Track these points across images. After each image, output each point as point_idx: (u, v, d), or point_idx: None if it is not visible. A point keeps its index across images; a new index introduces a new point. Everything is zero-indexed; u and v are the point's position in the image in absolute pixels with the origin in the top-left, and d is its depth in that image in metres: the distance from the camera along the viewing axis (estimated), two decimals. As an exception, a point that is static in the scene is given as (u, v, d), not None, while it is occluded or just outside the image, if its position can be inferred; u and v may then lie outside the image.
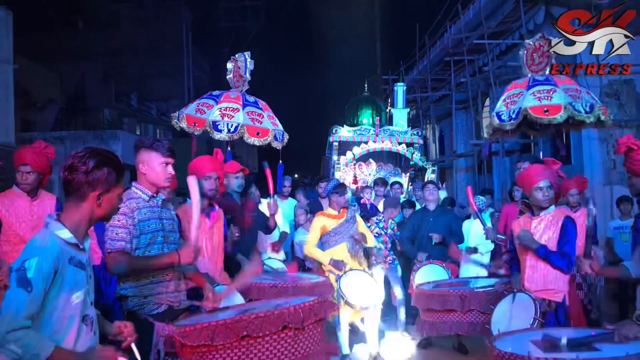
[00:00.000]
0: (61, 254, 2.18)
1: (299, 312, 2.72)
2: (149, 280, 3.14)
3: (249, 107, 7.10)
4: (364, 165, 12.41)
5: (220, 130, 6.85)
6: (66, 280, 2.19)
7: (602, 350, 2.76)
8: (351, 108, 17.00)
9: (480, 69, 15.42)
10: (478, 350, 5.80)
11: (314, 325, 2.84)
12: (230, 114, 6.92)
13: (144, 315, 3.08)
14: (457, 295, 5.05)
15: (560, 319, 3.88)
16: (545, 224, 4.01)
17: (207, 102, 7.17)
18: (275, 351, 2.70)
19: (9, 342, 2.02)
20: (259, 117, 7.08)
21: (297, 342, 2.75)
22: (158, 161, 3.20)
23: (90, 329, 2.34)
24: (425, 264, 6.30)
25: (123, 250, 3.04)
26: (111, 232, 3.04)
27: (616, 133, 11.54)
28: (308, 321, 2.76)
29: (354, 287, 5.52)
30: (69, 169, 2.28)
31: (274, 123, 7.18)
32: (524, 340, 3.11)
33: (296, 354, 2.74)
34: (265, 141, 7.03)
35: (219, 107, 6.99)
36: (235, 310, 3.32)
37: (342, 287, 5.45)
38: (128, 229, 3.06)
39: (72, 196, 2.30)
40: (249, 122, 6.94)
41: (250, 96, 7.29)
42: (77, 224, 2.29)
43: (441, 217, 6.64)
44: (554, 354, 2.74)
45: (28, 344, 2.04)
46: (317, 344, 2.85)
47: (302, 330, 2.75)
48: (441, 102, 19.10)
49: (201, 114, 7.01)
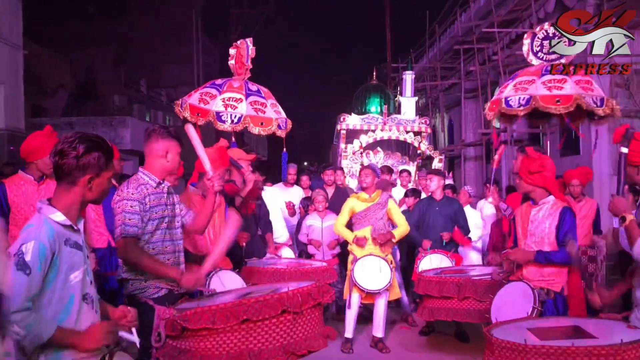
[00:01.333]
0: (57, 236, 2.24)
1: (297, 297, 2.77)
2: None
3: (252, 96, 7.08)
4: (372, 154, 12.38)
5: (224, 122, 6.86)
6: (63, 261, 2.25)
7: (598, 338, 2.79)
8: (359, 96, 16.93)
9: (490, 57, 15.31)
10: (479, 338, 5.85)
11: (311, 310, 2.89)
12: (234, 105, 6.91)
13: (144, 299, 3.13)
14: (454, 282, 5.17)
15: (559, 308, 3.89)
16: (544, 213, 4.03)
17: (210, 92, 7.14)
18: (275, 334, 2.75)
19: (11, 323, 2.08)
20: (262, 106, 7.07)
21: (296, 326, 2.80)
22: (177, 150, 3.30)
23: (92, 307, 2.39)
24: (430, 253, 6.33)
25: (136, 236, 3.10)
26: (124, 217, 3.09)
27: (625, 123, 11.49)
28: (306, 305, 2.81)
29: (366, 272, 5.72)
30: (59, 154, 2.32)
31: (276, 111, 7.17)
32: (522, 328, 3.14)
33: (295, 337, 2.79)
34: (270, 130, 7.03)
35: (222, 98, 6.97)
36: (234, 294, 3.37)
37: (355, 270, 5.69)
38: (140, 215, 3.12)
39: (63, 180, 2.34)
40: (252, 112, 6.93)
41: (253, 84, 7.27)
42: (69, 207, 2.33)
43: (447, 206, 6.66)
44: (550, 341, 2.77)
45: (30, 325, 2.11)
46: (315, 328, 2.90)
47: (300, 315, 2.80)
48: (450, 90, 18.99)
49: (204, 104, 7.00)
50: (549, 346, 2.67)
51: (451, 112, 20.18)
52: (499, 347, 2.86)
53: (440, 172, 7.20)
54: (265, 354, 2.72)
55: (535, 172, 4.03)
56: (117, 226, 3.12)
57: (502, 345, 2.84)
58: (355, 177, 11.51)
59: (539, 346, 2.69)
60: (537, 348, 2.68)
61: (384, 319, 5.99)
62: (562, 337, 2.92)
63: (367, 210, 6.00)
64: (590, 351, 2.57)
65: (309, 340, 2.82)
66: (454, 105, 19.40)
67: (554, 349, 2.63)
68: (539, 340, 2.82)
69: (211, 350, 2.79)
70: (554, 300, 3.92)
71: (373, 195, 6.04)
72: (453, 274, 5.45)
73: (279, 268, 4.99)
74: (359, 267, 5.74)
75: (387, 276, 5.72)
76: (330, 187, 7.82)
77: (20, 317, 2.09)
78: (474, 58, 15.99)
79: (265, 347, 2.73)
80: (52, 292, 2.23)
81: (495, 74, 14.94)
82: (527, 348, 2.70)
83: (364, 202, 6.04)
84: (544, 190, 4.07)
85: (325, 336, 2.95)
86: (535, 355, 2.67)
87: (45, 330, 2.15)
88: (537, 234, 4.04)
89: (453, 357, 5.64)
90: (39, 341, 2.14)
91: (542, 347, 2.67)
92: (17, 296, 2.11)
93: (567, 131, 11.19)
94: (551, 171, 4.08)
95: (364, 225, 5.99)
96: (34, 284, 2.15)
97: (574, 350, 2.59)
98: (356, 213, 6.03)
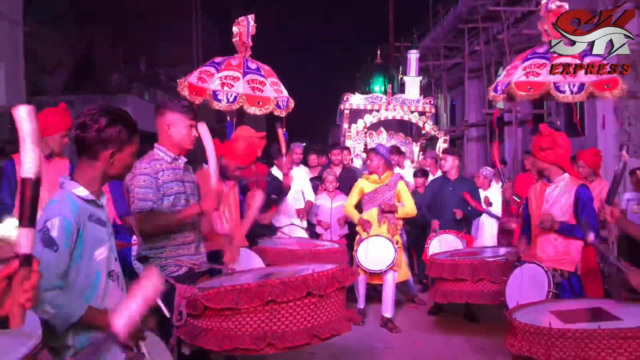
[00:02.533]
0: (81, 212, 2.19)
1: (322, 279, 2.73)
2: (170, 242, 3.15)
3: (250, 74, 6.99)
4: (375, 134, 12.34)
5: (220, 100, 6.79)
6: (88, 237, 2.20)
7: (624, 320, 2.77)
8: (363, 76, 16.82)
9: (495, 37, 15.19)
10: (488, 318, 5.89)
11: (335, 293, 2.86)
12: (231, 83, 6.83)
13: (164, 277, 3.09)
14: (468, 264, 5.16)
15: (574, 288, 3.88)
16: (559, 191, 4.01)
17: (208, 70, 7.07)
18: (299, 317, 2.71)
19: (43, 301, 2.04)
20: (261, 85, 6.98)
21: (320, 309, 2.77)
22: (184, 123, 3.20)
23: (118, 285, 2.36)
24: (440, 233, 6.32)
25: (152, 210, 3.04)
26: (138, 192, 3.03)
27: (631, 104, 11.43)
28: (330, 288, 2.78)
29: (370, 253, 5.79)
30: (80, 126, 2.24)
31: (277, 90, 7.08)
32: (544, 311, 3.12)
33: (319, 320, 2.76)
34: (267, 109, 6.95)
35: (220, 76, 6.90)
36: (255, 274, 3.34)
37: (358, 251, 5.82)
38: (154, 189, 3.06)
39: (85, 155, 2.27)
40: (249, 91, 6.85)
41: (253, 62, 7.18)
42: (91, 182, 2.27)
43: (460, 186, 6.55)
44: (575, 324, 2.75)
45: (61, 305, 2.06)
46: (339, 311, 2.87)
47: (325, 297, 2.77)
48: (453, 70, 18.88)
49: (202, 83, 6.93)
50: (575, 329, 2.65)
51: (453, 92, 20.08)
52: (522, 330, 2.83)
53: (455, 152, 7.13)
54: (289, 336, 2.69)
55: (546, 148, 3.99)
56: (132, 202, 3.07)
57: (525, 328, 2.81)
58: (359, 157, 11.48)
59: (565, 330, 2.67)
60: (562, 331, 2.66)
61: (393, 298, 6.02)
62: (585, 320, 2.91)
63: (376, 191, 6.02)
64: (617, 334, 2.55)
65: (332, 324, 2.79)
66: (456, 85, 19.30)
67: (580, 332, 2.61)
68: (563, 324, 2.81)
69: (233, 331, 2.76)
70: (568, 280, 3.90)
71: (383, 177, 6.06)
72: (465, 256, 5.44)
73: (292, 249, 4.98)
74: (363, 248, 5.84)
75: (391, 257, 5.75)
76: (338, 167, 7.77)
77: (50, 296, 2.04)
78: (478, 37, 15.86)
79: (289, 329, 2.71)
80: (78, 269, 2.18)
81: (500, 53, 14.84)
82: (552, 331, 2.68)
83: (373, 183, 6.06)
84: (558, 168, 4.03)
85: (349, 319, 2.93)
86: (561, 339, 2.64)
87: (76, 310, 2.10)
88: (553, 212, 4.01)
89: (462, 337, 5.65)
90: (69, 320, 2.09)
91: (568, 331, 2.64)
92: (46, 274, 2.04)
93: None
94: (564, 148, 4.02)
95: (372, 205, 6.01)
96: (62, 260, 2.11)
97: (600, 333, 2.57)
98: (365, 194, 6.07)
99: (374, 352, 5.27)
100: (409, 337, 5.75)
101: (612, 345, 2.55)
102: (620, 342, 2.54)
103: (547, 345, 2.68)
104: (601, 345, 2.56)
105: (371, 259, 5.81)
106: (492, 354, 4.97)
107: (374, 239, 5.84)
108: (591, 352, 2.56)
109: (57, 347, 2.22)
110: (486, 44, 15.54)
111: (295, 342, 2.71)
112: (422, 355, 5.20)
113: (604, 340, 2.56)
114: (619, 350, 2.54)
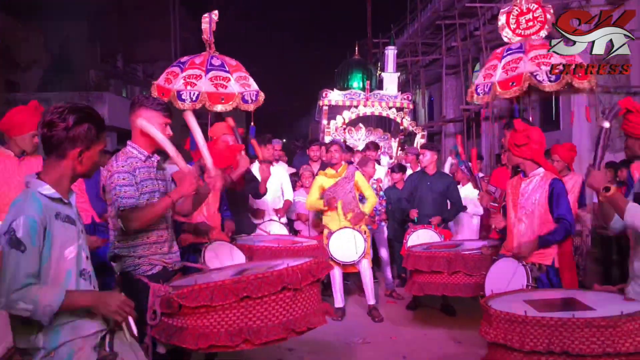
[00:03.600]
0: (46, 210, 2.16)
1: (297, 273, 2.72)
2: (143, 241, 3.10)
3: (214, 71, 6.99)
4: (354, 130, 12.34)
5: (184, 100, 6.79)
6: (56, 236, 2.17)
7: (597, 310, 2.80)
8: (341, 72, 16.79)
9: (472, 33, 15.29)
10: (465, 311, 5.94)
11: (310, 286, 2.85)
12: (193, 82, 6.84)
13: (137, 276, 3.04)
14: (443, 257, 5.20)
15: (552, 280, 3.93)
16: (534, 185, 4.06)
17: (174, 71, 7.12)
18: (275, 311, 2.70)
19: (16, 301, 2.04)
20: (224, 80, 6.96)
21: (295, 303, 2.76)
22: (158, 121, 3.12)
23: (90, 284, 2.33)
24: (419, 228, 6.34)
25: (135, 206, 2.98)
26: (119, 190, 2.97)
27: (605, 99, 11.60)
28: (305, 282, 2.77)
29: (341, 245, 5.97)
30: (48, 125, 2.21)
31: (243, 84, 7.05)
32: (519, 300, 3.15)
33: (294, 314, 2.75)
34: (231, 105, 6.94)
35: (184, 76, 6.93)
36: (230, 271, 3.31)
37: (330, 244, 5.95)
38: (134, 187, 3.01)
39: (52, 153, 2.24)
40: (211, 88, 6.84)
41: (218, 58, 7.16)
42: (58, 180, 2.24)
43: (438, 182, 6.58)
44: (550, 313, 2.78)
45: (35, 297, 2.05)
46: (314, 305, 2.87)
47: (300, 291, 2.76)
48: (431, 66, 18.96)
49: (168, 84, 6.95)
50: (550, 317, 2.67)
51: (431, 88, 20.18)
52: (497, 318, 2.85)
53: (434, 146, 7.17)
54: (265, 331, 2.68)
55: (521, 144, 4.04)
56: (113, 202, 3.00)
57: (500, 316, 2.84)
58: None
59: (540, 317, 2.69)
60: (537, 319, 2.68)
61: (372, 285, 6.23)
62: (559, 309, 2.94)
63: (336, 185, 6.14)
64: (590, 322, 2.58)
65: (308, 317, 2.78)
66: (434, 82, 19.41)
67: (554, 320, 2.64)
68: (537, 312, 2.83)
69: (209, 328, 2.73)
70: (546, 274, 3.94)
71: (340, 170, 6.19)
72: (442, 248, 5.48)
73: (271, 246, 4.96)
74: (334, 241, 5.98)
75: (362, 246, 5.97)
76: (316, 163, 7.77)
77: (21, 295, 2.04)
78: (455, 34, 15.94)
79: (265, 324, 2.69)
80: (47, 268, 2.16)
81: (477, 49, 14.94)
82: (527, 319, 2.70)
83: (331, 177, 6.19)
84: (533, 163, 4.08)
85: (324, 312, 2.93)
86: (536, 327, 2.67)
87: (55, 299, 2.09)
88: (528, 206, 4.07)
89: (440, 330, 5.70)
90: (51, 311, 2.08)
91: (543, 319, 2.67)
92: (16, 275, 2.05)
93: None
94: (538, 143, 4.06)
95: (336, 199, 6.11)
96: (30, 259, 2.09)
97: (575, 321, 2.60)
98: (326, 189, 6.16)
99: (351, 347, 5.29)
100: (387, 330, 5.79)
101: (586, 334, 2.58)
102: (593, 331, 2.58)
103: (521, 333, 2.71)
104: (574, 334, 2.59)
105: (343, 251, 5.99)
106: (470, 345, 5.03)
107: (343, 231, 6.00)
108: (565, 340, 2.60)
109: (28, 349, 2.19)
110: (463, 40, 15.63)
111: (271, 337, 2.70)
112: (399, 348, 5.23)
113: (577, 329, 2.60)
114: (591, 339, 2.58)
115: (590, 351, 2.56)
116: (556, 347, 2.60)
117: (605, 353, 2.56)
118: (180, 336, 2.78)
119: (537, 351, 2.66)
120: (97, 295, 2.26)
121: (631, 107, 3.06)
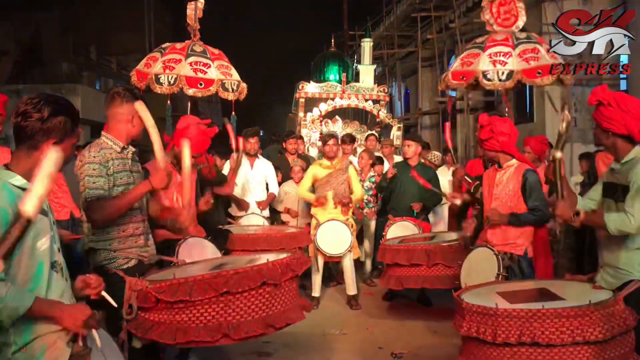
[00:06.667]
0: (18, 201, 2.08)
1: (277, 268, 2.75)
2: (119, 234, 3.07)
3: (194, 57, 6.95)
4: (330, 122, 12.36)
5: (162, 84, 6.74)
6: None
7: (567, 300, 2.88)
8: (318, 64, 16.77)
9: (447, 25, 15.39)
10: (441, 302, 6.03)
11: (289, 282, 2.88)
12: (172, 66, 6.81)
13: (113, 270, 3.00)
14: (423, 250, 5.22)
15: (524, 271, 4.00)
16: (507, 176, 4.12)
17: (154, 56, 7.08)
18: (254, 307, 2.72)
19: None
20: (205, 66, 6.93)
21: (275, 298, 2.79)
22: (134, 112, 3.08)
23: (62, 276, 2.30)
24: (398, 220, 6.41)
25: (102, 198, 2.94)
26: (87, 181, 2.94)
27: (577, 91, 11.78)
28: (285, 277, 2.79)
29: (328, 236, 6.07)
30: (22, 115, 2.17)
31: (224, 73, 7.01)
32: (491, 292, 3.22)
33: (274, 309, 2.77)
34: (210, 91, 6.90)
35: (163, 60, 6.87)
36: (208, 265, 3.32)
37: (317, 235, 6.04)
38: (104, 178, 2.98)
39: (25, 144, 2.20)
40: (190, 72, 6.80)
41: (200, 46, 7.12)
42: (28, 172, 2.16)
43: (421, 173, 6.47)
44: (521, 304, 2.85)
45: (5, 298, 2.00)
46: (292, 300, 2.90)
47: (279, 286, 2.78)
48: (407, 59, 19.05)
49: (147, 68, 6.90)
50: (520, 309, 2.74)
51: (407, 80, 20.27)
52: (469, 311, 2.92)
53: (418, 138, 7.23)
54: (245, 327, 2.69)
55: (487, 138, 4.09)
56: (82, 191, 2.97)
57: (472, 309, 2.90)
58: (315, 145, 11.49)
59: (510, 310, 2.76)
60: (508, 312, 2.75)
61: (353, 277, 6.34)
62: (530, 300, 3.01)
63: (330, 176, 6.26)
64: (560, 313, 2.66)
65: (287, 312, 2.81)
66: (410, 74, 19.49)
67: (524, 311, 2.71)
68: (509, 304, 2.90)
69: (187, 323, 2.75)
70: (518, 264, 4.02)
71: (334, 162, 6.32)
72: (416, 241, 5.52)
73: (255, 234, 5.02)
74: (322, 232, 6.07)
75: (348, 240, 6.08)
76: (293, 156, 7.78)
77: None
78: (431, 26, 16.03)
79: (244, 319, 2.71)
80: (19, 260, 2.12)
81: (452, 42, 15.04)
82: (498, 312, 2.77)
83: (326, 168, 6.30)
84: (506, 154, 4.14)
85: (302, 307, 2.96)
86: (507, 319, 2.74)
87: (22, 302, 2.04)
88: (502, 197, 4.12)
89: (416, 321, 5.78)
90: (16, 314, 2.03)
91: (513, 311, 2.74)
92: None
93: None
94: (505, 135, 4.06)
95: (326, 190, 6.25)
96: None
97: (544, 312, 2.67)
98: (319, 179, 6.27)
99: (327, 339, 5.34)
100: (364, 321, 5.86)
101: (556, 324, 2.66)
102: (563, 321, 2.66)
103: (493, 325, 2.77)
104: (545, 324, 2.66)
105: (330, 244, 6.08)
106: (445, 335, 5.10)
107: (331, 223, 6.10)
108: (536, 331, 2.66)
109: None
110: (438, 32, 15.73)
111: (250, 333, 2.72)
112: (375, 339, 5.29)
113: (547, 320, 2.67)
114: (561, 328, 2.65)
115: (560, 341, 2.64)
116: (527, 339, 2.66)
117: (574, 342, 2.63)
118: (157, 331, 2.78)
119: (509, 343, 2.71)
120: (64, 308, 2.19)
121: (602, 100, 3.06)
